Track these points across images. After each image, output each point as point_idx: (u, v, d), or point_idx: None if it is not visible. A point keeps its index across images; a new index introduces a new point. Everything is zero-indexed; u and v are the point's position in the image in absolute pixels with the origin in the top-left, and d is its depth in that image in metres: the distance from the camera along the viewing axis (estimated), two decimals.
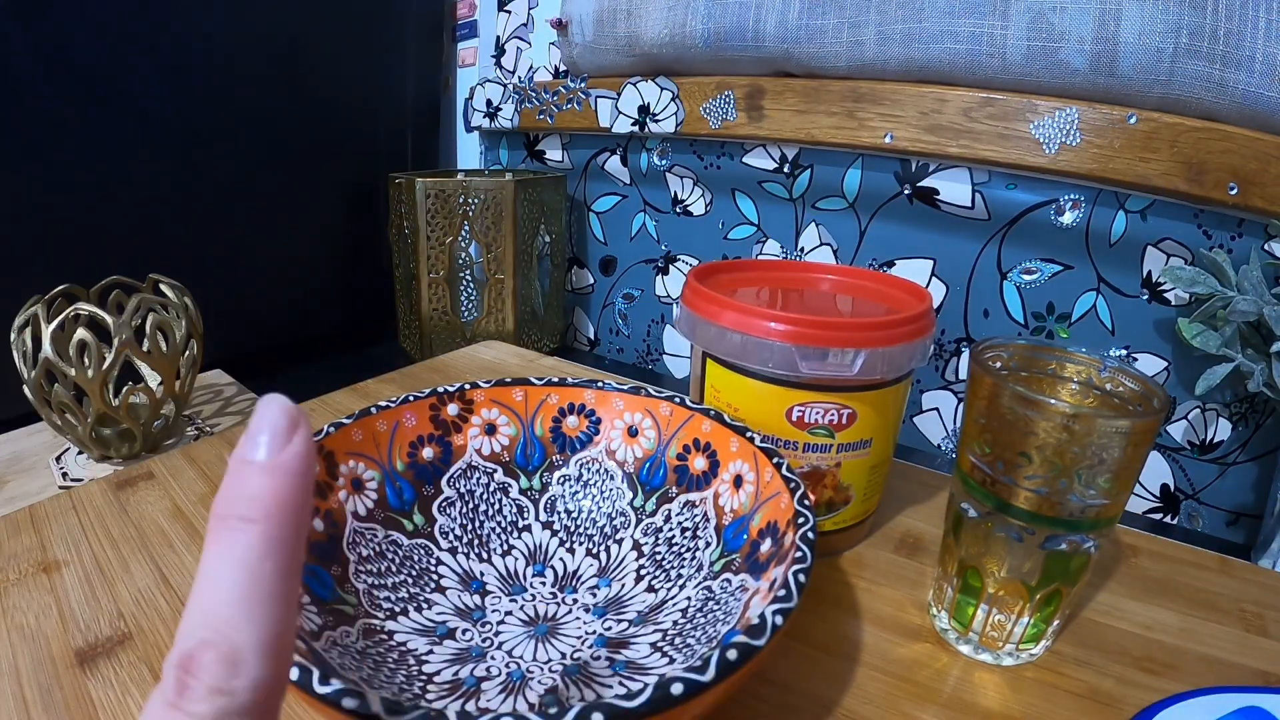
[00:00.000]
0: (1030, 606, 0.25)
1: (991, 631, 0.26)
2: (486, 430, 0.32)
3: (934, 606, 0.29)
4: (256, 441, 0.12)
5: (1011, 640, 0.26)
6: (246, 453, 0.12)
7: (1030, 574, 0.25)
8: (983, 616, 0.26)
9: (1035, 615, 0.25)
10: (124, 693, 0.23)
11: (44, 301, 0.50)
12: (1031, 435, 0.23)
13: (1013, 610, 0.25)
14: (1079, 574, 0.25)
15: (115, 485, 0.37)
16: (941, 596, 0.28)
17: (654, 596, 0.27)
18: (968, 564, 0.26)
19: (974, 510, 0.25)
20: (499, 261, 0.73)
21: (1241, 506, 0.53)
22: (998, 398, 0.24)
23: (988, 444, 0.24)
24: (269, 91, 0.74)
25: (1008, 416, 0.23)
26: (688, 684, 0.15)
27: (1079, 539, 0.24)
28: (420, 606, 0.26)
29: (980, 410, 0.24)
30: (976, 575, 0.26)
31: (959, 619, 0.27)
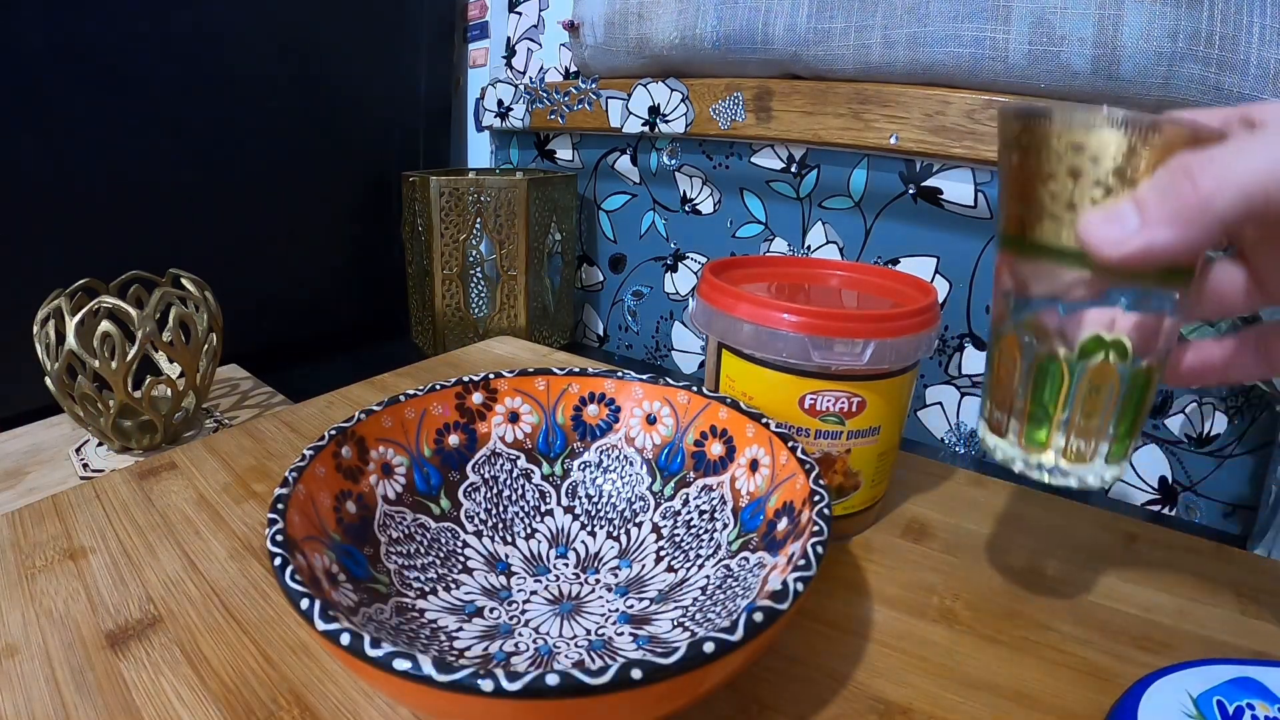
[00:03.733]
0: (1122, 396, 0.22)
1: (1078, 442, 0.23)
2: (510, 418, 0.33)
3: (991, 439, 0.25)
4: None
5: (1100, 453, 0.23)
6: None
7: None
8: (1063, 429, 0.23)
9: (1129, 412, 0.23)
10: (157, 673, 0.24)
11: (66, 295, 0.51)
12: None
13: (1100, 409, 0.22)
14: (1166, 353, 0.23)
15: (138, 475, 0.38)
16: (1003, 423, 0.24)
17: (674, 576, 0.28)
18: (1042, 360, 0.23)
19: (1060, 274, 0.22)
20: (511, 259, 0.74)
21: (1238, 498, 0.54)
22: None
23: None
24: (285, 91, 0.75)
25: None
26: (719, 643, 0.17)
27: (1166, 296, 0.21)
28: (449, 586, 0.27)
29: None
30: (1055, 375, 0.22)
31: (1032, 440, 0.24)
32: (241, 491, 0.37)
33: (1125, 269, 0.20)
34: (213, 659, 0.25)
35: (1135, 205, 0.19)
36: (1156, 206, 0.19)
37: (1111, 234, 0.19)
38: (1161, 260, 0.19)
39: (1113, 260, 0.19)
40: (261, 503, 0.36)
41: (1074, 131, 0.20)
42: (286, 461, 0.40)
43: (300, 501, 0.24)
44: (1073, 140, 0.20)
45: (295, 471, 0.25)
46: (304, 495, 0.24)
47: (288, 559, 0.20)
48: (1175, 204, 0.18)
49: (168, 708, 0.23)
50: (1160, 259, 0.19)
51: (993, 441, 0.25)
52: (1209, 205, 0.18)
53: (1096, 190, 0.20)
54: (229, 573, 0.30)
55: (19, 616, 0.27)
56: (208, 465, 0.39)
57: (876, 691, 0.25)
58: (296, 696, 0.24)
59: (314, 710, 0.23)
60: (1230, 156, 0.18)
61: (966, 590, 0.30)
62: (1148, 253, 0.19)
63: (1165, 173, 0.19)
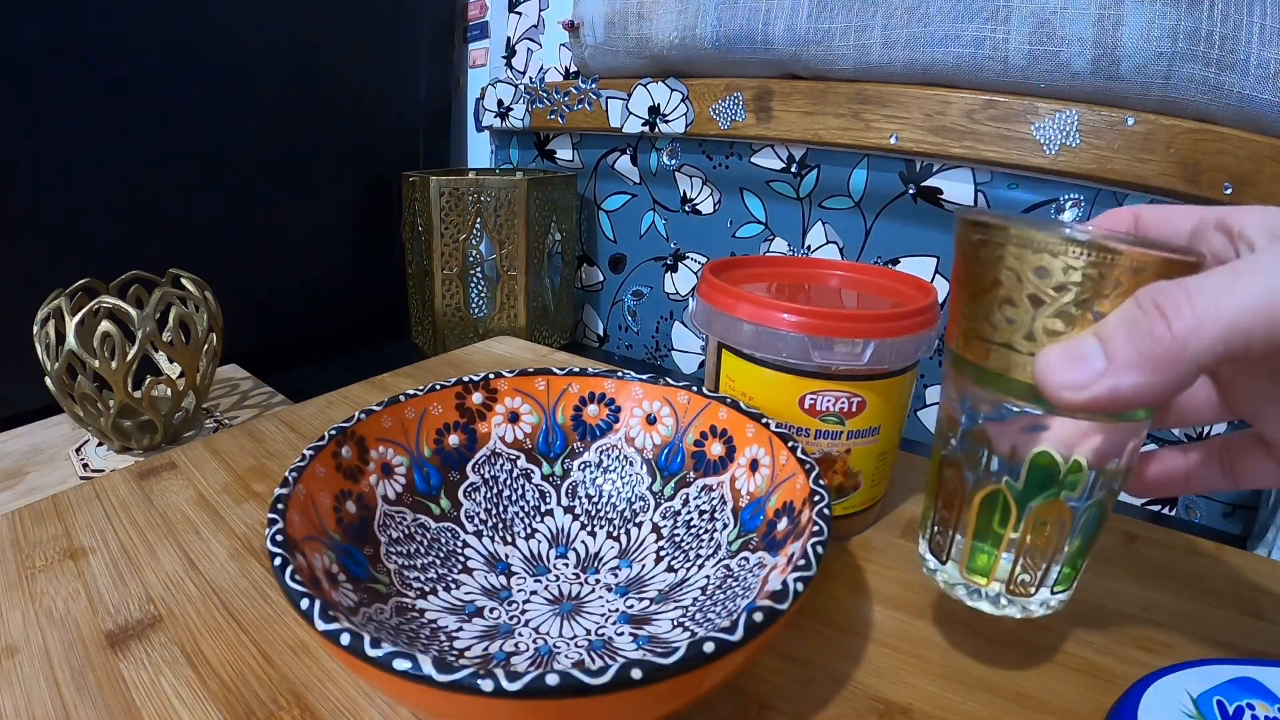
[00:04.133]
0: (1073, 531, 0.21)
1: (1022, 575, 0.22)
2: (510, 418, 0.33)
3: (931, 560, 0.24)
4: None
5: (1047, 583, 0.22)
6: None
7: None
8: (1009, 560, 0.22)
9: (1078, 543, 0.22)
10: (157, 673, 0.24)
11: (66, 295, 0.51)
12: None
13: (1049, 543, 0.21)
14: (1118, 483, 0.21)
15: (138, 475, 0.38)
16: (944, 546, 0.23)
17: (674, 576, 0.28)
18: (988, 493, 0.21)
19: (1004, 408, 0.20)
20: (511, 259, 0.74)
21: (1238, 498, 0.54)
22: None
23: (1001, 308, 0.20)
24: (284, 91, 0.75)
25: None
26: (719, 643, 0.17)
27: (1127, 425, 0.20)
28: (449, 586, 0.27)
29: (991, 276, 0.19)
30: (1001, 506, 0.21)
31: (974, 569, 0.23)
32: (241, 491, 0.37)
33: (1086, 412, 0.18)
34: (213, 659, 0.25)
35: (1100, 343, 0.17)
36: (1124, 347, 0.16)
37: (1072, 377, 0.17)
38: (1127, 407, 0.17)
39: (1074, 406, 0.17)
40: (261, 503, 0.36)
41: (1036, 253, 0.18)
42: (286, 461, 0.40)
43: (300, 501, 0.24)
44: (1034, 264, 0.18)
45: (295, 471, 0.25)
46: (304, 495, 0.24)
47: (288, 559, 0.20)
48: (1146, 346, 0.16)
49: (168, 708, 0.23)
50: (1126, 406, 0.17)
51: (933, 564, 0.24)
52: (1185, 349, 0.16)
53: (1057, 321, 0.18)
54: (229, 573, 0.30)
55: (19, 616, 0.27)
56: (208, 465, 0.39)
57: (876, 691, 0.25)
58: (296, 696, 0.24)
59: (314, 710, 0.23)
60: (1210, 295, 0.16)
61: None
62: (1113, 400, 0.17)
63: (1135, 307, 0.17)
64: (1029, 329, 0.18)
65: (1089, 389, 0.17)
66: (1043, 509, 0.21)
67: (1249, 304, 0.15)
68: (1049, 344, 0.18)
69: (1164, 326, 0.16)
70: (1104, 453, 0.20)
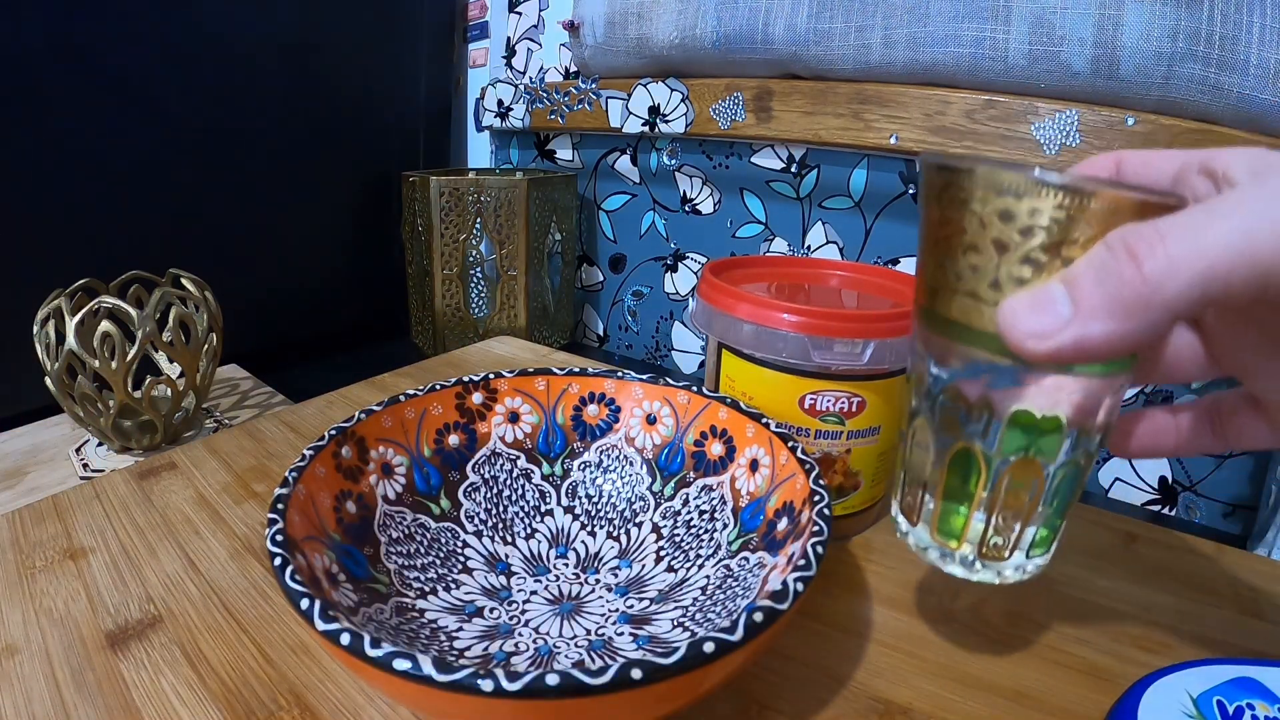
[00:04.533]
0: (1048, 491, 0.20)
1: (995, 538, 0.21)
2: (510, 418, 0.33)
3: (902, 523, 0.23)
4: None
5: (1021, 546, 0.21)
6: None
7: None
8: (980, 522, 0.21)
9: (1054, 504, 0.21)
10: (157, 673, 0.24)
11: (66, 295, 0.51)
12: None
13: (1023, 504, 0.20)
14: (1096, 443, 0.20)
15: (138, 475, 0.38)
16: (914, 508, 0.22)
17: (674, 576, 0.28)
18: (958, 452, 0.20)
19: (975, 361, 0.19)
20: (511, 259, 0.74)
21: (1238, 498, 0.54)
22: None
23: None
24: (284, 91, 0.75)
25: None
26: (719, 643, 0.17)
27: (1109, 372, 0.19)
28: (449, 586, 0.27)
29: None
30: (972, 465, 0.20)
31: (945, 531, 0.22)
32: (241, 491, 0.37)
33: (1055, 364, 0.17)
34: (213, 659, 0.25)
35: (1067, 289, 0.16)
36: (1092, 292, 0.15)
37: (1036, 325, 0.16)
38: (1096, 357, 0.16)
39: (1037, 356, 0.16)
40: (261, 503, 0.36)
41: (1001, 196, 0.17)
42: (286, 461, 0.40)
43: (300, 501, 0.24)
44: (1000, 207, 0.17)
45: (295, 471, 0.25)
46: (304, 495, 0.24)
47: (288, 559, 0.20)
48: (1115, 290, 0.15)
49: (168, 708, 0.23)
50: (1095, 356, 0.16)
51: (904, 526, 0.23)
52: (1157, 293, 0.14)
53: (1024, 268, 0.17)
54: (229, 573, 0.30)
55: (19, 616, 0.27)
56: (207, 465, 0.39)
57: (876, 691, 0.25)
58: (296, 696, 0.24)
59: (314, 710, 0.23)
60: (1183, 233, 0.14)
61: (967, 590, 0.30)
62: (1079, 349, 0.15)
63: (1105, 250, 0.15)
64: (994, 276, 0.17)
65: (1054, 338, 0.16)
66: (1016, 469, 0.19)
67: (1228, 243, 0.14)
68: (1015, 292, 0.17)
69: (1134, 269, 0.15)
70: (1081, 409, 0.19)
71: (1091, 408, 0.19)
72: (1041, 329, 0.16)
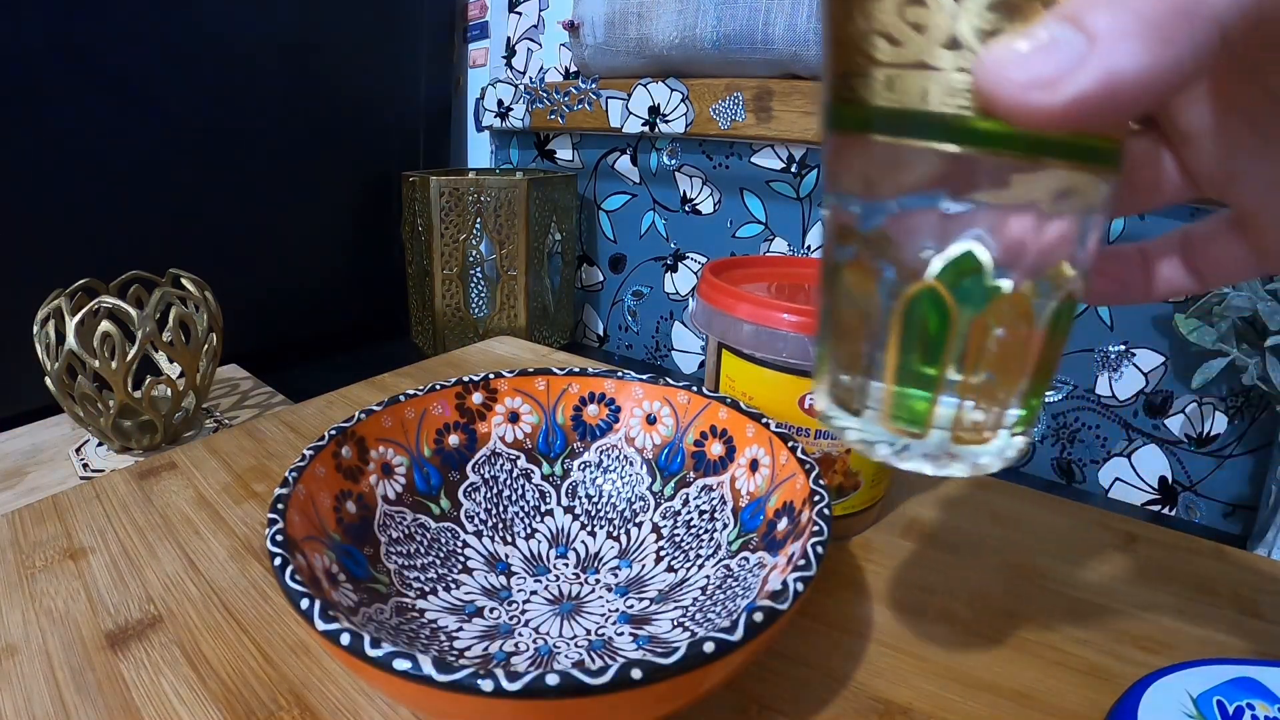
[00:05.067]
0: (1043, 337, 0.15)
1: (975, 414, 0.16)
2: (510, 418, 0.33)
3: (839, 415, 0.17)
4: None
5: (1006, 421, 0.16)
6: None
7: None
8: (954, 393, 0.15)
9: (1047, 357, 0.16)
10: (156, 673, 0.24)
11: (66, 295, 0.51)
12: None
13: (1012, 359, 0.15)
14: (1090, 266, 0.16)
15: (138, 475, 0.38)
16: (854, 390, 0.17)
17: (674, 576, 0.28)
18: (914, 298, 0.15)
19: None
20: (511, 259, 0.74)
21: (1238, 498, 0.54)
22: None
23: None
24: (284, 91, 0.75)
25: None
26: (719, 643, 0.17)
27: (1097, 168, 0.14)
28: (449, 586, 0.27)
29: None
30: (937, 314, 0.15)
31: (904, 415, 0.16)
32: (241, 491, 0.37)
33: (1064, 129, 0.12)
34: (213, 659, 0.25)
35: (1070, 23, 0.11)
36: (1111, 13, 0.11)
37: (1041, 69, 0.11)
38: (1133, 103, 0.11)
39: (1051, 115, 0.11)
40: (261, 503, 0.36)
41: None
42: (286, 461, 0.40)
43: (300, 501, 0.24)
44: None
45: (295, 471, 0.25)
46: (304, 495, 0.24)
47: (288, 559, 0.20)
48: (1141, 4, 0.11)
49: (168, 708, 0.23)
50: (1131, 100, 0.11)
51: (841, 420, 0.17)
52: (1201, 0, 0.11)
53: (993, 15, 0.12)
54: (229, 573, 0.30)
55: (19, 616, 0.27)
56: (207, 465, 0.39)
57: (876, 691, 0.25)
58: (296, 696, 0.24)
59: (314, 710, 0.23)
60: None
61: (966, 590, 0.30)
62: (1110, 89, 0.11)
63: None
64: (950, 32, 0.12)
65: (1071, 80, 0.11)
66: (1000, 309, 0.15)
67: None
68: (993, 43, 0.12)
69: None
70: (1062, 238, 0.14)
71: (1075, 235, 0.15)
72: (1051, 72, 0.11)
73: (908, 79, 0.13)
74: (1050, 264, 0.15)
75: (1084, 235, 0.15)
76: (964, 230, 0.14)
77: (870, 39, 0.13)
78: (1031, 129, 0.12)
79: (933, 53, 0.13)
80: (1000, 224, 0.14)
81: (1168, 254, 0.19)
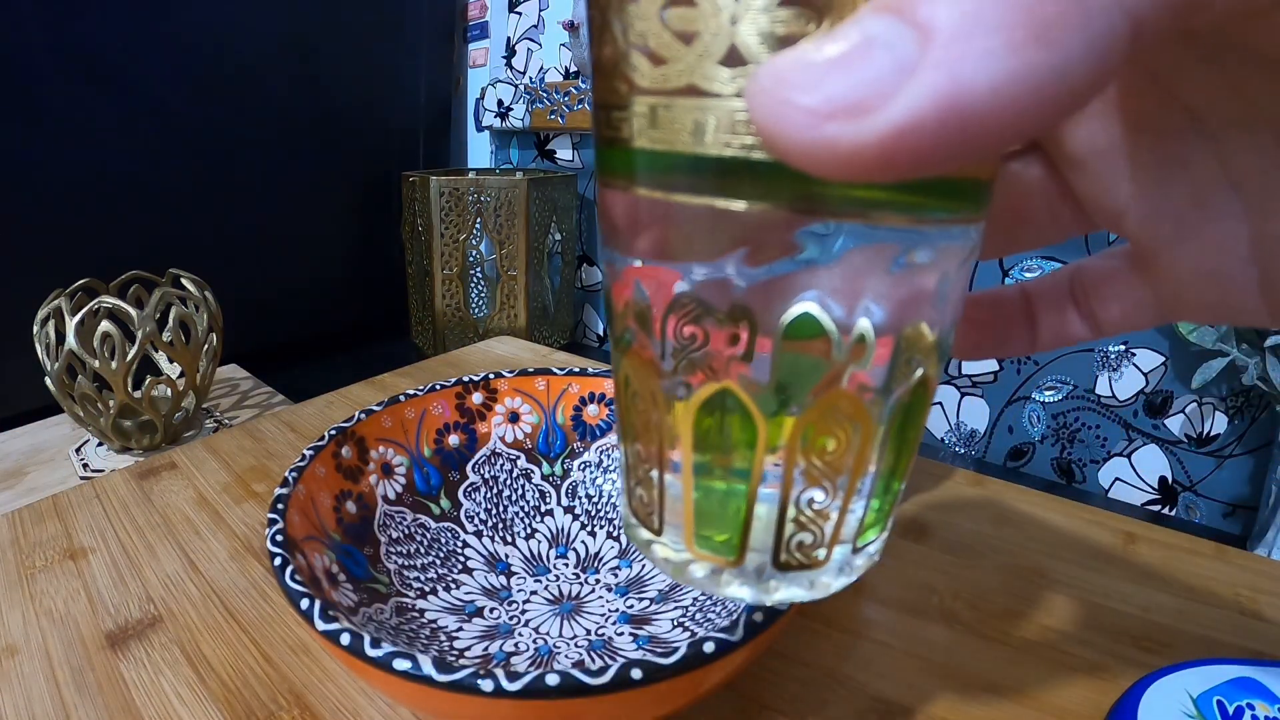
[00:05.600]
0: (882, 437, 0.12)
1: (800, 535, 0.13)
2: (510, 418, 0.33)
3: (640, 529, 0.14)
4: None
5: (844, 536, 0.13)
6: None
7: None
8: (770, 511, 0.12)
9: (893, 456, 0.13)
10: (157, 673, 0.24)
11: (66, 295, 0.51)
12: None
13: (841, 467, 0.12)
14: (945, 350, 0.12)
15: (138, 475, 0.38)
16: (653, 503, 0.14)
17: None
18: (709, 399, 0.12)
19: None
20: (511, 259, 0.74)
21: (1238, 498, 0.54)
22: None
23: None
24: (285, 93, 0.75)
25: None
26: (719, 643, 0.17)
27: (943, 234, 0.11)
28: (449, 586, 0.27)
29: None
30: (738, 418, 0.12)
31: (710, 537, 0.13)
32: (241, 491, 0.37)
33: (885, 178, 0.08)
34: (213, 659, 0.25)
35: (896, 16, 0.07)
36: (958, 3, 0.07)
37: (846, 86, 0.07)
38: (989, 136, 0.07)
39: (862, 159, 0.07)
40: (261, 503, 0.36)
41: None
42: (286, 461, 0.40)
43: (300, 501, 0.24)
44: None
45: (295, 471, 0.25)
46: (304, 495, 0.24)
47: (288, 559, 0.20)
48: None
49: (168, 708, 0.23)
50: (986, 133, 0.07)
51: (644, 534, 0.14)
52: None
53: (787, 14, 0.09)
54: (229, 573, 0.30)
55: (19, 616, 0.27)
56: (208, 465, 0.39)
57: (876, 691, 0.25)
58: (296, 696, 0.24)
59: (314, 710, 0.23)
60: None
61: (966, 590, 0.30)
62: (957, 113, 0.07)
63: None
64: (729, 41, 0.09)
65: (892, 103, 0.07)
66: (821, 411, 0.11)
67: None
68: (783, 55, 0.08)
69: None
70: (915, 295, 0.11)
71: (932, 292, 0.11)
72: (858, 90, 0.07)
73: (676, 110, 0.10)
74: (903, 338, 0.11)
75: (940, 295, 0.11)
76: (772, 309, 0.11)
77: (630, 57, 0.10)
78: (833, 179, 0.08)
79: (706, 71, 0.09)
80: (827, 296, 0.10)
81: (1055, 297, 0.15)
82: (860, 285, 0.10)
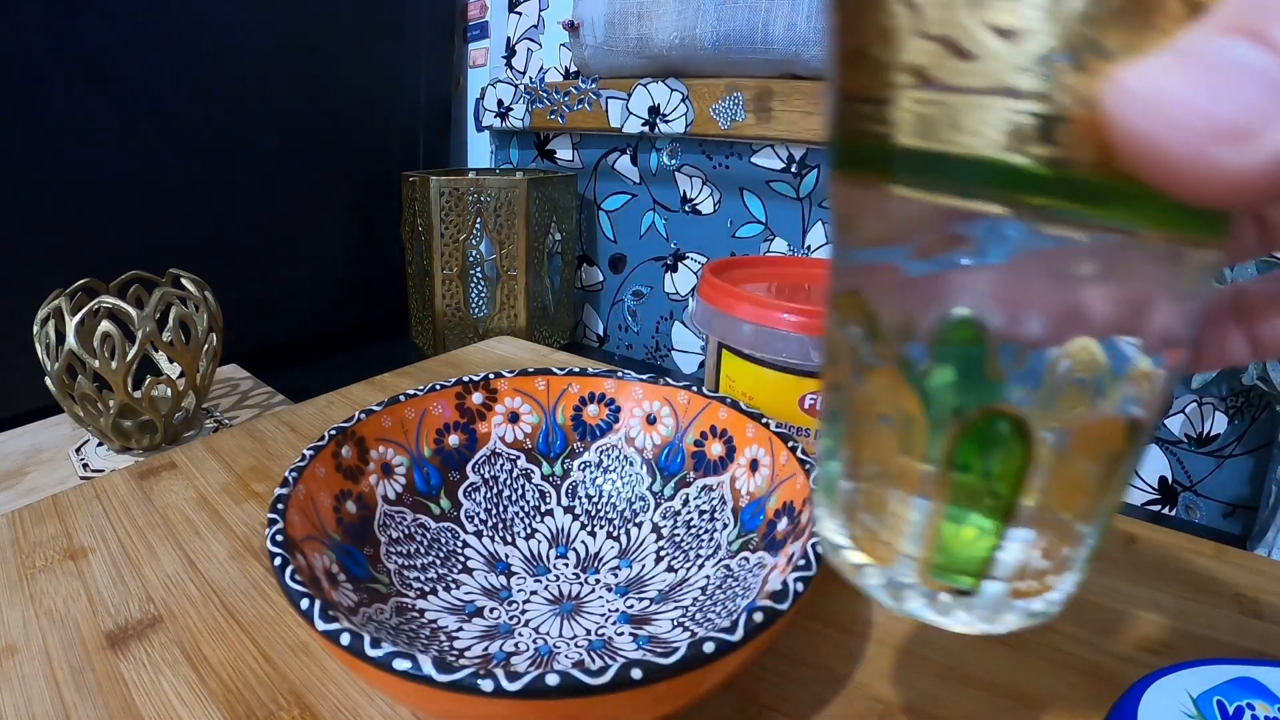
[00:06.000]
0: (1127, 464, 0.12)
1: (1041, 561, 0.12)
2: (510, 418, 0.33)
3: (852, 554, 0.14)
4: None
5: (1073, 565, 0.13)
6: None
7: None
8: (1024, 539, 0.12)
9: (1122, 485, 0.12)
10: (157, 673, 0.24)
11: (66, 295, 0.51)
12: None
13: (1090, 492, 0.12)
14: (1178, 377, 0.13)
15: (138, 475, 0.38)
16: (882, 533, 0.13)
17: (674, 576, 0.28)
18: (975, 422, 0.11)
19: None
20: (511, 259, 0.74)
21: (1238, 498, 0.54)
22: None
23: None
24: (284, 91, 0.75)
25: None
26: (719, 643, 0.17)
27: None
28: (449, 586, 0.27)
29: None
30: (1003, 442, 0.11)
31: (955, 563, 0.13)
32: (241, 491, 0.37)
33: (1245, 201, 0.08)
34: (213, 659, 0.25)
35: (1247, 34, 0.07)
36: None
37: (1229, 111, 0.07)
38: None
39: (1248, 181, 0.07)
40: (261, 503, 0.36)
41: None
42: (286, 461, 0.40)
43: (300, 501, 0.24)
44: None
45: (295, 471, 0.25)
46: (304, 495, 0.24)
47: (288, 559, 0.20)
48: None
49: (168, 708, 0.23)
50: None
51: (859, 559, 0.14)
52: None
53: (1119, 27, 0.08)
54: (229, 573, 0.30)
55: (19, 616, 0.27)
56: (208, 465, 0.39)
57: (876, 691, 0.25)
58: (296, 696, 0.24)
59: (314, 710, 0.23)
60: None
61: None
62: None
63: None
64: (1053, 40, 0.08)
65: (1272, 130, 0.07)
66: (1090, 434, 0.11)
67: None
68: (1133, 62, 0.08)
69: None
70: (1188, 322, 0.11)
71: (1187, 318, 0.11)
72: (1244, 116, 0.07)
73: (979, 110, 0.09)
74: (1171, 360, 0.11)
75: (1196, 316, 0.11)
76: (1058, 335, 0.10)
77: (915, 46, 0.09)
78: (1203, 201, 0.08)
79: (1009, 75, 0.08)
80: (1111, 323, 0.10)
81: (1217, 318, 0.15)
82: (1143, 313, 0.10)
